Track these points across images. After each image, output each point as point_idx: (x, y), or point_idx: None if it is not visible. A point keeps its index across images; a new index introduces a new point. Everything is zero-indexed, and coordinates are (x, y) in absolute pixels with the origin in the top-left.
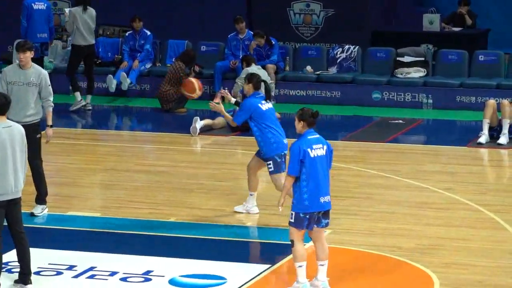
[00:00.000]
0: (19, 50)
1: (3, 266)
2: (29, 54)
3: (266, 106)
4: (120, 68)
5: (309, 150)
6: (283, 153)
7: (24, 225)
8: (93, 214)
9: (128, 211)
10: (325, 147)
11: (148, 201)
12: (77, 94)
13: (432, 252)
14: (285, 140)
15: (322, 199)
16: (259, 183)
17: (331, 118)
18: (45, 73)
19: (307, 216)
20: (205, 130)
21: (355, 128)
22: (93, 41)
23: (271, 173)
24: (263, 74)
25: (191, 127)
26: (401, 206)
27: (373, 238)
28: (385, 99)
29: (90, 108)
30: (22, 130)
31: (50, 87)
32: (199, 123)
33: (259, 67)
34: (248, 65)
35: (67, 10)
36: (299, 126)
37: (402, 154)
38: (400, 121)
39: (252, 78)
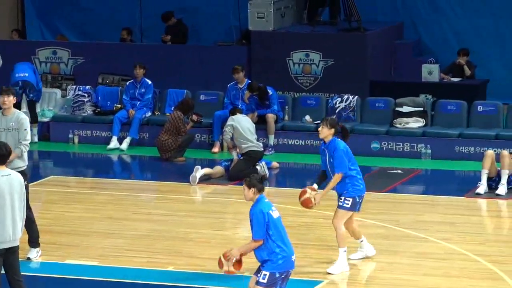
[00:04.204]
0: (2, 93)
1: None
2: (12, 99)
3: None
4: (131, 117)
5: (270, 212)
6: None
7: (22, 273)
8: (91, 263)
9: (126, 260)
10: (276, 209)
11: (146, 250)
12: None
13: None
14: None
15: (293, 258)
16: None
17: None
18: (23, 117)
19: (283, 276)
20: (204, 179)
21: None
22: None
23: None
24: (247, 120)
25: (191, 176)
26: (399, 256)
27: None
28: (384, 149)
29: None
30: (21, 178)
31: (26, 131)
32: (199, 172)
33: (244, 115)
34: (233, 114)
35: None
36: (250, 193)
37: (401, 204)
38: (399, 171)
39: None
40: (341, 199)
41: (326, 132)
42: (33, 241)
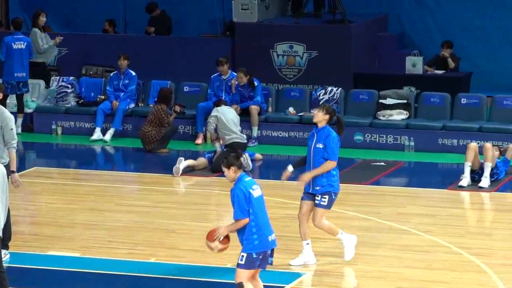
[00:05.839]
0: None
1: None
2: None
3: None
4: (114, 109)
5: (251, 191)
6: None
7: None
8: (73, 254)
9: (108, 251)
10: (259, 187)
11: (128, 241)
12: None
13: None
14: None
15: (270, 238)
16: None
17: None
18: (8, 115)
19: (260, 256)
20: (187, 171)
21: None
22: None
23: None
24: (231, 112)
25: (174, 167)
26: (381, 248)
27: (353, 280)
28: (367, 141)
29: None
30: (4, 170)
31: (12, 131)
32: (182, 164)
33: (229, 106)
34: (218, 106)
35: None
36: (231, 173)
37: (383, 197)
38: (382, 163)
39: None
40: (318, 196)
41: (320, 117)
42: (4, 243)
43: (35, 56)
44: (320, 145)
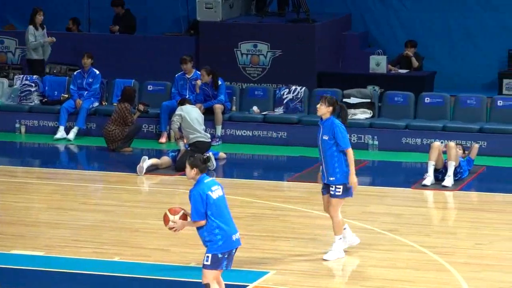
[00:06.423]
0: None
1: None
2: None
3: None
4: (78, 107)
5: (209, 193)
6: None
7: None
8: (37, 253)
9: (72, 250)
10: (220, 187)
11: (93, 240)
12: None
13: None
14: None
15: (234, 237)
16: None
17: (277, 159)
18: None
19: (226, 256)
20: (151, 170)
21: (301, 169)
22: None
23: None
24: (195, 111)
25: (138, 166)
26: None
27: (317, 279)
28: None
29: None
30: None
31: None
32: (146, 163)
33: (193, 105)
34: (182, 104)
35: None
36: (192, 173)
37: None
38: None
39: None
40: (332, 187)
41: (324, 110)
42: None
43: (28, 53)
44: (326, 137)
